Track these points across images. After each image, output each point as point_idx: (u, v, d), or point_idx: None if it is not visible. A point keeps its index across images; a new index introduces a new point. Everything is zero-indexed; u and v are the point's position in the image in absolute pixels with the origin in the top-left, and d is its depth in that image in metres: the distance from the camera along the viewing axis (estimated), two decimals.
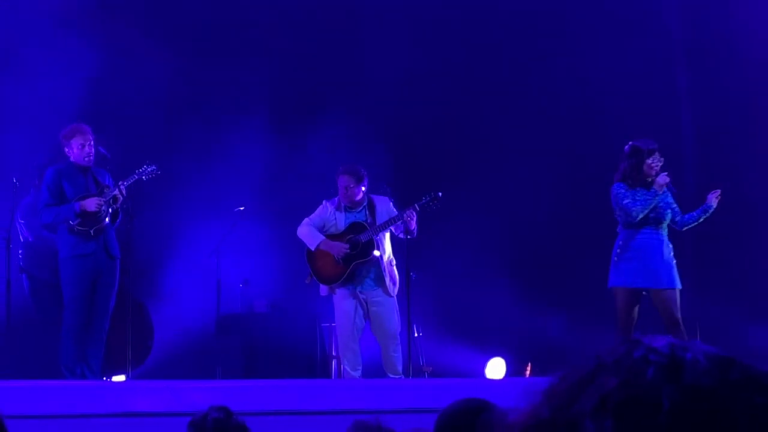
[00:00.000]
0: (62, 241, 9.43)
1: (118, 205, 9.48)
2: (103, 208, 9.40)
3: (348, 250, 9.77)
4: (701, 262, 12.31)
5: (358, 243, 9.78)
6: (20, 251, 10.56)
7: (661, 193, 9.25)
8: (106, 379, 9.79)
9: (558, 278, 12.25)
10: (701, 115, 12.82)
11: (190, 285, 11.73)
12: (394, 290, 9.83)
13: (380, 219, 9.86)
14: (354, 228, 9.86)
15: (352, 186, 9.84)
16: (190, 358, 11.38)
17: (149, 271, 11.52)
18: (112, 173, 9.70)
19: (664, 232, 9.37)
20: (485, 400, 3.79)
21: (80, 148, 9.43)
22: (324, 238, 9.89)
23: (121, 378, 9.93)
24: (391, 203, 9.97)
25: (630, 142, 9.41)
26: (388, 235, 9.93)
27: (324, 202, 10.07)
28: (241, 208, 11.01)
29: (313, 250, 9.91)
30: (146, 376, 10.79)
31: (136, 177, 9.63)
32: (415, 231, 9.72)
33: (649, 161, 9.29)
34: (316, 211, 10.03)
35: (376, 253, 9.79)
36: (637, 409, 1.07)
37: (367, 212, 9.91)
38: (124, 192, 9.46)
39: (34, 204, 9.94)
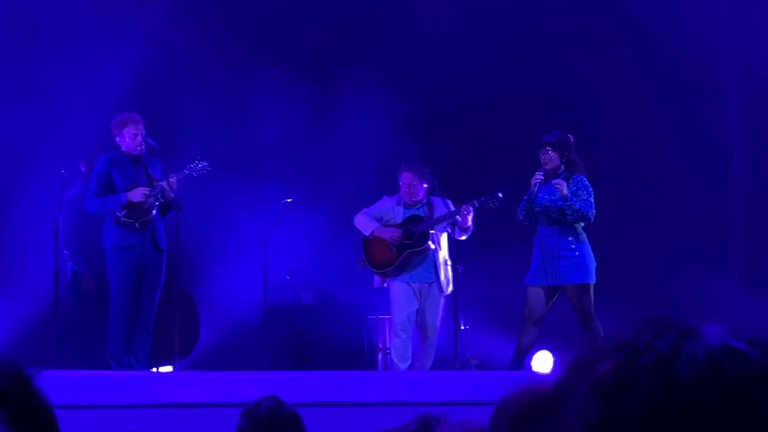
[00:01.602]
0: (108, 232, 9.41)
1: (171, 198, 9.44)
2: (150, 200, 9.37)
3: (401, 236, 9.79)
4: (753, 262, 12.25)
5: (414, 233, 9.81)
6: None
7: (534, 190, 9.14)
8: (154, 370, 9.82)
9: (604, 271, 12.16)
10: (750, 126, 12.69)
11: (237, 276, 11.75)
12: (447, 288, 9.84)
13: (438, 214, 9.89)
14: (412, 221, 9.89)
15: (415, 183, 9.88)
16: (237, 349, 11.41)
17: (197, 263, 11.54)
18: (162, 165, 9.68)
19: (559, 226, 9.18)
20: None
21: (132, 138, 9.41)
22: (379, 225, 9.94)
23: (168, 369, 9.96)
24: (449, 204, 9.96)
25: None
26: (445, 235, 9.93)
27: (384, 197, 10.11)
28: (289, 200, 11.02)
29: (367, 235, 9.95)
30: (193, 367, 10.84)
31: (186, 173, 9.58)
32: (470, 229, 9.70)
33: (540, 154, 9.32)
34: (376, 204, 10.10)
35: (431, 245, 9.79)
36: (622, 394, 1.05)
37: (427, 209, 9.93)
38: (174, 186, 9.42)
39: (81, 195, 9.88)
